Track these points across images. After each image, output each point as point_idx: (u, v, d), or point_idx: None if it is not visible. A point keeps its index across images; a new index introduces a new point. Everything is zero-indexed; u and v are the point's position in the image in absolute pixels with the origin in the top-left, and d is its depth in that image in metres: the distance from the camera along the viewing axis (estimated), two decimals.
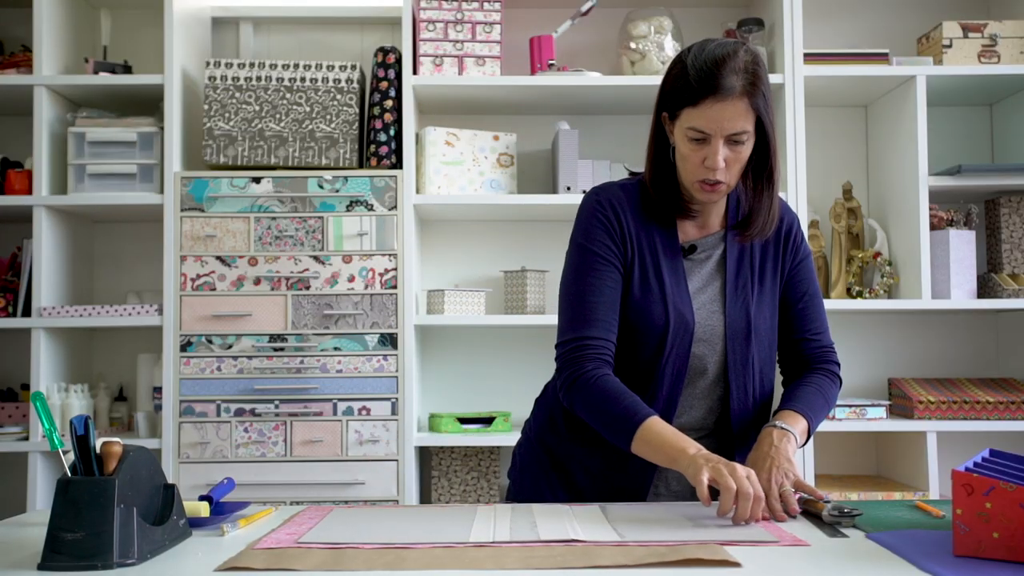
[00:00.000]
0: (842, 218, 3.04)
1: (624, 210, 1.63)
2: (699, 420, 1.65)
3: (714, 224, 1.67)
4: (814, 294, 1.71)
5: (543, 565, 1.13)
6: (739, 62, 1.50)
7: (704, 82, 1.50)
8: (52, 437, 1.27)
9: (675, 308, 1.59)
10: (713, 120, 1.50)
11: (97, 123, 2.86)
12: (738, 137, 1.51)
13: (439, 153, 2.88)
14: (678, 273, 1.62)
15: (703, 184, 1.55)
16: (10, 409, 2.91)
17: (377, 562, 1.15)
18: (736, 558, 1.15)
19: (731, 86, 1.49)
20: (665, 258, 1.62)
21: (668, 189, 1.62)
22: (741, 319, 1.62)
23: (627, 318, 1.61)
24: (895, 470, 3.02)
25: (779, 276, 1.68)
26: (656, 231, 1.64)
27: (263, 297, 2.77)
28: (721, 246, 1.66)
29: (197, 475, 2.72)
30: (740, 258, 1.65)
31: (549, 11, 3.18)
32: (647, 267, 1.61)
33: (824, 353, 1.71)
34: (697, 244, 1.65)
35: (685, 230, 1.66)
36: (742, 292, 1.63)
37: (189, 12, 2.95)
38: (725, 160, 1.52)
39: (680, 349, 1.59)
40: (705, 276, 1.65)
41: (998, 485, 1.12)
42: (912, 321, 3.18)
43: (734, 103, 1.49)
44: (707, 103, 1.50)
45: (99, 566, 1.13)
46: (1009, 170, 2.87)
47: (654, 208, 1.64)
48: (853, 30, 3.22)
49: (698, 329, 1.60)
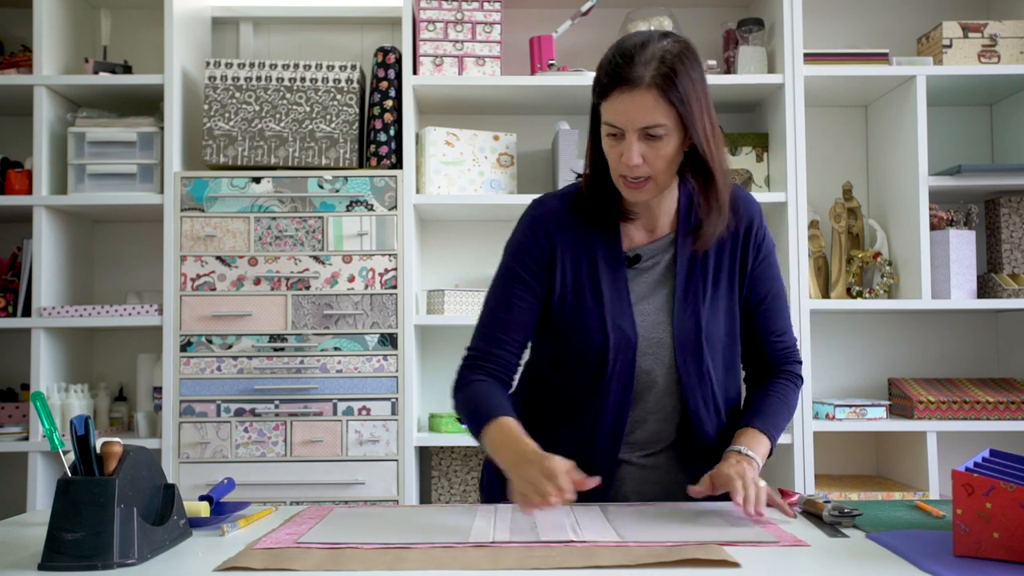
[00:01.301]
0: (842, 218, 3.04)
1: (559, 225, 1.58)
2: (655, 434, 1.60)
3: (664, 226, 1.60)
4: (776, 294, 1.63)
5: (542, 565, 1.13)
6: (652, 52, 1.43)
7: (612, 74, 1.44)
8: (52, 437, 1.27)
9: (614, 323, 1.54)
10: (621, 113, 1.44)
11: (97, 123, 2.86)
12: (653, 131, 1.44)
13: (439, 153, 2.88)
14: (619, 285, 1.56)
15: (626, 180, 1.49)
16: (10, 409, 2.91)
17: (376, 562, 1.15)
18: (736, 558, 1.15)
19: (638, 76, 1.42)
20: (606, 269, 1.56)
21: (608, 190, 1.56)
22: (690, 329, 1.55)
23: (566, 336, 1.57)
24: (895, 470, 3.02)
25: (739, 277, 1.60)
26: (598, 240, 1.58)
27: (263, 297, 2.77)
28: (670, 251, 1.59)
29: (197, 475, 2.72)
30: (691, 262, 1.58)
31: (549, 11, 3.18)
32: (583, 282, 1.56)
33: (787, 354, 1.66)
34: (642, 253, 1.58)
35: (631, 235, 1.59)
36: (692, 299, 1.56)
37: (189, 12, 2.95)
38: (644, 156, 1.45)
39: (623, 364, 1.54)
40: (651, 284, 1.58)
41: (998, 485, 1.12)
42: (912, 321, 3.18)
43: (642, 95, 1.42)
44: (615, 95, 1.44)
45: (99, 566, 1.13)
46: (1009, 170, 2.87)
47: (595, 214, 1.58)
48: (853, 30, 3.22)
49: (642, 342, 1.54)
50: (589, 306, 1.55)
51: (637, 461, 1.60)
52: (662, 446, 1.60)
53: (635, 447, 1.59)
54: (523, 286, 1.58)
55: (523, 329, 1.59)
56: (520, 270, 1.59)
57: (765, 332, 1.63)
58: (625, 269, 1.57)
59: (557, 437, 1.58)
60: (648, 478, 1.61)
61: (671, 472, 1.61)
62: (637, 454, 1.60)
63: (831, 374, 3.16)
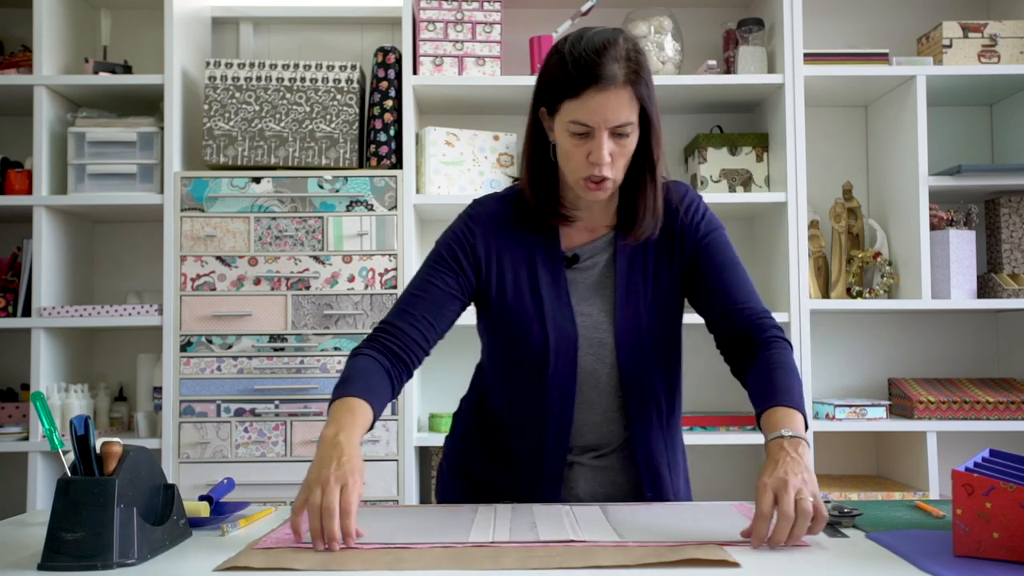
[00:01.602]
0: (842, 218, 3.04)
1: (497, 226, 1.56)
2: (602, 437, 1.58)
3: (601, 226, 1.58)
4: (733, 264, 1.56)
5: (542, 565, 1.13)
6: (620, 50, 1.42)
7: (585, 71, 1.41)
8: (52, 437, 1.27)
9: (554, 323, 1.52)
10: (596, 111, 1.41)
11: (97, 123, 2.86)
12: (622, 129, 1.43)
13: (439, 153, 2.88)
14: (559, 285, 1.54)
15: (588, 181, 1.46)
16: (10, 409, 2.91)
17: (376, 562, 1.15)
18: (736, 558, 1.15)
19: (613, 74, 1.40)
20: (544, 270, 1.54)
21: (548, 192, 1.54)
22: (632, 328, 1.53)
23: (508, 337, 1.56)
24: (895, 470, 3.02)
25: (678, 265, 1.57)
26: (537, 241, 1.56)
27: (263, 297, 2.77)
28: (610, 249, 1.57)
29: (197, 475, 2.72)
30: (631, 261, 1.55)
31: (549, 11, 3.18)
32: (522, 283, 1.54)
33: (763, 320, 1.53)
34: (580, 253, 1.56)
35: (570, 235, 1.57)
36: (633, 299, 1.54)
37: (189, 12, 2.95)
38: (611, 154, 1.44)
39: (565, 363, 1.52)
40: (592, 284, 1.56)
41: (998, 485, 1.12)
42: (912, 321, 3.18)
43: (617, 92, 1.41)
44: (589, 93, 1.41)
45: (99, 566, 1.13)
46: (1009, 170, 2.87)
47: (534, 217, 1.56)
48: (853, 30, 3.22)
49: (583, 342, 1.52)
50: (528, 307, 1.54)
51: (588, 463, 1.59)
52: (612, 447, 1.59)
53: (586, 450, 1.58)
54: (444, 270, 1.55)
55: (436, 309, 1.54)
56: (446, 255, 1.56)
57: (732, 302, 1.54)
58: (564, 269, 1.55)
59: (506, 440, 1.59)
60: (600, 479, 1.60)
61: (623, 472, 1.60)
62: (588, 456, 1.59)
63: (831, 374, 3.16)
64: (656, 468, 1.60)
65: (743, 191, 2.97)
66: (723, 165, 2.99)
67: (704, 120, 3.20)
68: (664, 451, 1.61)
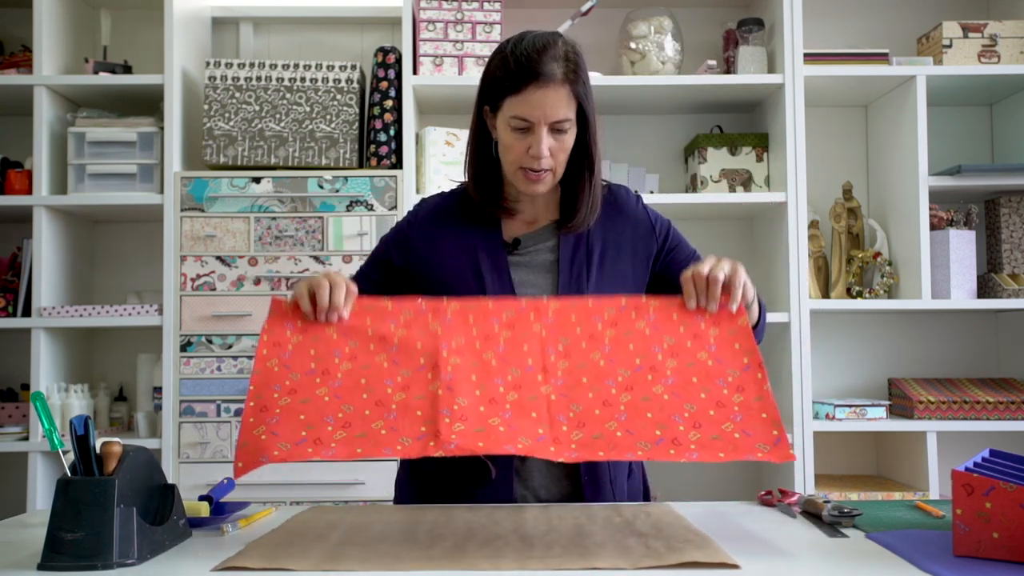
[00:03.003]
0: (842, 218, 3.04)
1: (439, 219, 1.66)
2: None
3: (543, 218, 1.66)
4: (694, 253, 1.69)
5: (540, 566, 1.13)
6: (559, 50, 1.51)
7: (525, 69, 1.50)
8: (52, 437, 1.27)
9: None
10: (536, 107, 1.50)
11: (97, 123, 2.86)
12: (561, 125, 1.52)
13: (439, 153, 2.88)
14: (500, 268, 1.61)
15: (527, 172, 1.55)
16: (10, 409, 2.91)
17: (376, 562, 1.15)
18: (735, 560, 1.15)
19: (552, 72, 1.49)
20: (485, 255, 1.62)
21: (491, 188, 1.63)
22: None
23: None
24: (895, 470, 3.02)
25: (642, 262, 1.64)
26: (479, 232, 1.64)
27: (263, 297, 2.77)
28: (552, 239, 1.64)
29: (197, 475, 2.72)
30: (575, 250, 1.62)
31: (549, 11, 3.18)
32: (464, 269, 1.61)
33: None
34: (522, 239, 1.64)
35: (512, 227, 1.65)
36: (576, 285, 1.59)
37: (189, 12, 2.95)
38: (550, 149, 1.52)
39: None
40: (534, 269, 1.62)
41: (998, 485, 1.12)
42: (912, 321, 3.18)
43: (556, 90, 1.50)
44: (529, 90, 1.50)
45: (99, 566, 1.13)
46: (1009, 170, 2.87)
47: (477, 211, 1.64)
48: (853, 30, 3.22)
49: None
50: (471, 289, 1.59)
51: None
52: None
53: None
54: (378, 267, 1.67)
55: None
56: (381, 253, 1.68)
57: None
58: (505, 255, 1.62)
59: None
60: (554, 473, 1.59)
61: (577, 466, 1.59)
62: None
63: (831, 374, 3.16)
64: (608, 463, 1.59)
65: (743, 191, 2.97)
66: (723, 165, 2.99)
67: (704, 120, 3.20)
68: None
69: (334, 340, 1.38)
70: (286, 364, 1.37)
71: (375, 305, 1.44)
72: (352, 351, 1.38)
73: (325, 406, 1.32)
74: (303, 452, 1.28)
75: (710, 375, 1.36)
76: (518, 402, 1.32)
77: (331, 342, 1.38)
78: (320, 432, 1.30)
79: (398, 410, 1.31)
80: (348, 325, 1.41)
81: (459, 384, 1.32)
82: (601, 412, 1.30)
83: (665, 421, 1.31)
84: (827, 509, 1.39)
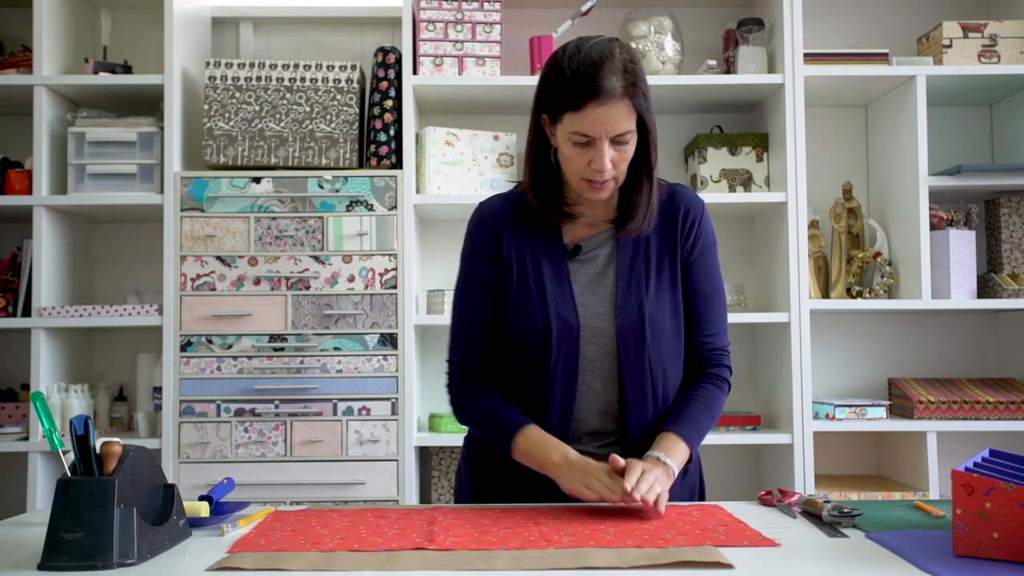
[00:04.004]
0: (842, 218, 3.04)
1: (502, 223, 1.65)
2: (602, 425, 1.62)
3: (602, 219, 1.65)
4: (712, 292, 1.66)
5: (535, 566, 1.13)
6: (617, 62, 1.49)
7: (584, 85, 1.48)
8: (52, 437, 1.27)
9: (556, 313, 1.58)
10: (596, 123, 1.49)
11: (97, 123, 2.86)
12: (622, 137, 1.51)
13: (439, 153, 2.88)
14: (561, 276, 1.61)
15: (590, 183, 1.55)
16: (10, 409, 2.91)
17: (369, 562, 1.15)
18: (729, 560, 1.15)
19: (612, 88, 1.48)
20: (547, 262, 1.62)
21: (551, 192, 1.62)
22: (633, 317, 1.58)
23: (512, 328, 1.62)
24: (895, 470, 3.02)
25: (678, 267, 1.64)
26: (540, 236, 1.64)
27: (263, 297, 2.77)
28: (611, 243, 1.64)
29: (197, 475, 2.72)
30: (634, 253, 1.63)
31: (549, 11, 3.18)
32: (527, 274, 1.61)
33: (716, 356, 1.66)
34: (583, 244, 1.63)
35: (572, 230, 1.65)
36: (635, 289, 1.60)
37: (189, 12, 2.95)
38: (612, 161, 1.52)
39: (567, 353, 1.57)
40: (594, 275, 1.62)
41: (998, 485, 1.12)
42: (912, 321, 3.18)
43: (616, 105, 1.48)
44: (589, 107, 1.48)
45: (99, 566, 1.13)
46: (1009, 170, 2.87)
47: (537, 215, 1.63)
48: (853, 30, 3.22)
49: (585, 331, 1.58)
50: (533, 297, 1.60)
51: (593, 451, 1.60)
52: (609, 440, 1.62)
53: (592, 437, 1.62)
54: (483, 290, 1.65)
55: (489, 331, 1.66)
56: (479, 272, 1.66)
57: (696, 329, 1.65)
58: (567, 261, 1.62)
59: None
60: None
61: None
62: (594, 444, 1.62)
63: (831, 374, 3.16)
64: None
65: (743, 191, 2.97)
66: (723, 165, 2.99)
67: (704, 120, 3.20)
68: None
69: (327, 543, 1.31)
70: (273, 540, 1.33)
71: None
72: (343, 538, 1.32)
73: (320, 536, 1.32)
74: (297, 545, 1.26)
75: (696, 526, 1.37)
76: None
77: (322, 540, 1.31)
78: (317, 538, 1.30)
79: (393, 536, 1.30)
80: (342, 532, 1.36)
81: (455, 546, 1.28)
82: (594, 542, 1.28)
83: (653, 533, 1.32)
84: (827, 509, 1.39)
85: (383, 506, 1.56)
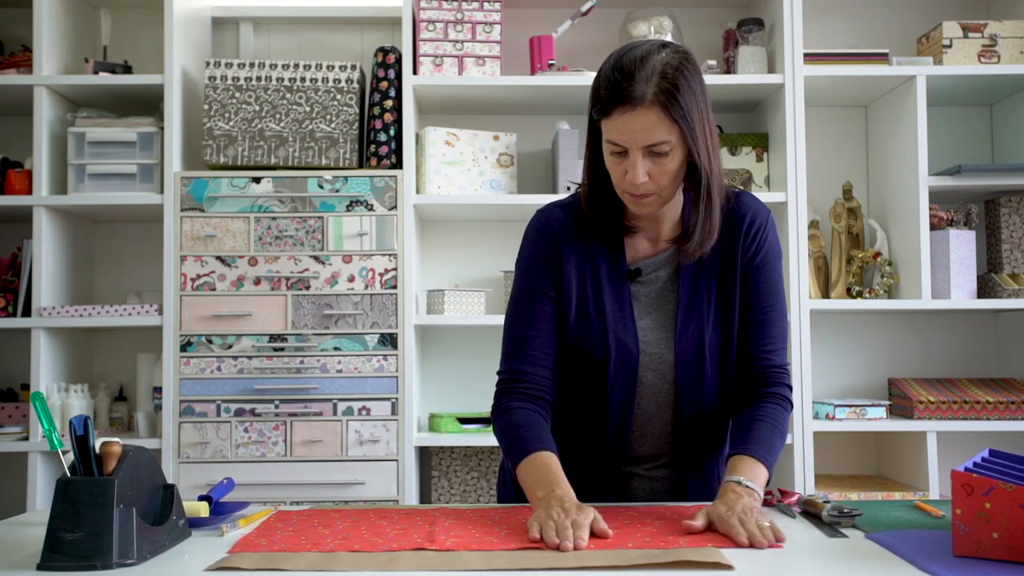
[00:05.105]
0: (842, 218, 3.04)
1: (564, 235, 1.55)
2: (657, 449, 1.59)
3: (667, 235, 1.56)
4: (772, 307, 1.56)
5: (534, 566, 1.13)
6: (652, 67, 1.38)
7: (612, 91, 1.39)
8: (52, 437, 1.27)
9: (616, 338, 1.52)
10: (625, 132, 1.39)
11: (97, 123, 2.86)
12: (658, 148, 1.40)
13: (439, 153, 2.88)
14: (622, 299, 1.53)
15: (631, 195, 1.45)
16: (10, 409, 2.91)
17: (369, 563, 1.15)
18: (730, 560, 1.14)
19: (640, 95, 1.37)
20: (608, 283, 1.54)
21: (609, 201, 1.52)
22: (693, 344, 1.52)
23: (569, 348, 1.55)
24: (895, 470, 3.02)
25: (737, 278, 1.55)
26: (601, 253, 1.55)
27: (263, 297, 2.77)
28: (672, 263, 1.55)
29: (197, 475, 2.72)
30: (695, 275, 1.54)
31: (549, 11, 3.18)
32: (587, 294, 1.54)
33: (776, 375, 1.56)
34: (643, 266, 1.55)
35: (635, 245, 1.56)
36: (696, 314, 1.53)
37: (189, 12, 2.95)
38: (649, 173, 1.41)
39: (625, 378, 1.52)
40: (654, 298, 1.55)
41: (998, 485, 1.12)
42: (912, 321, 3.18)
43: (645, 113, 1.37)
44: (615, 114, 1.39)
45: (99, 566, 1.13)
46: (1009, 170, 2.87)
47: (597, 227, 1.55)
48: (853, 30, 3.22)
49: (644, 358, 1.52)
50: (592, 320, 1.53)
51: (644, 473, 1.59)
52: (662, 462, 1.60)
53: (642, 460, 1.59)
54: (542, 298, 1.55)
55: (548, 342, 1.55)
56: (535, 282, 1.56)
57: (751, 344, 1.55)
58: (628, 283, 1.54)
59: (562, 449, 1.56)
60: (657, 488, 1.61)
61: (679, 481, 1.61)
62: (643, 467, 1.60)
63: (831, 374, 3.16)
64: (708, 482, 1.61)
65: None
66: (723, 165, 2.98)
67: None
68: (717, 465, 1.62)
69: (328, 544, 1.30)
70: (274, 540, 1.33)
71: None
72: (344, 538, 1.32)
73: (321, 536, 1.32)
74: (298, 545, 1.26)
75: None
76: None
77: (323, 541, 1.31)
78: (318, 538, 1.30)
79: (394, 537, 1.30)
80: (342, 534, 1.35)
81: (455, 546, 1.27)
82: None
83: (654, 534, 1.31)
84: (827, 509, 1.39)
85: (383, 506, 1.56)
